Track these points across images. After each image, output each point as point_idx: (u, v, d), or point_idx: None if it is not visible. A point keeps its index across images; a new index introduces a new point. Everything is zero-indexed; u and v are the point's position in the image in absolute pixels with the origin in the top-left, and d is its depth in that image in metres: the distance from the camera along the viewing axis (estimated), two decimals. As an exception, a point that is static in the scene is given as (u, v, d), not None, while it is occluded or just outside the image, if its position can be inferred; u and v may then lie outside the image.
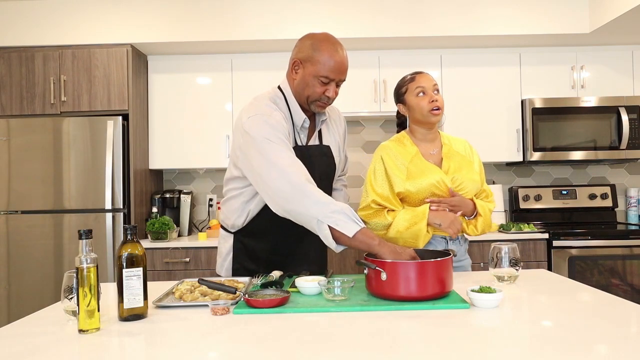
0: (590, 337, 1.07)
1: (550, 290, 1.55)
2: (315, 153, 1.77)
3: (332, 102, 1.73)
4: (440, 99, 1.85)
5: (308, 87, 1.68)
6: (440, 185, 1.81)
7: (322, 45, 1.64)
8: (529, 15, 3.33)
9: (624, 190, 3.87)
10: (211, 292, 1.47)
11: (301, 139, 1.76)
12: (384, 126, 3.90)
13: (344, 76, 1.69)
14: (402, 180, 1.82)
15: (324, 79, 1.65)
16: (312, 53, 1.65)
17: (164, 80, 3.54)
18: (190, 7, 3.33)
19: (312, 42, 1.66)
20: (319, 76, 1.64)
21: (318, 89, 1.66)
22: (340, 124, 1.94)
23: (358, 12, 3.33)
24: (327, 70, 1.64)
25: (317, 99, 1.69)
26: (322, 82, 1.66)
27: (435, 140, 1.93)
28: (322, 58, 1.63)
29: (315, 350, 1.04)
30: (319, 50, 1.64)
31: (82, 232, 1.20)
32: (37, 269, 3.18)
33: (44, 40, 3.32)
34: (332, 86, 1.67)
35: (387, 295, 1.37)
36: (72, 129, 3.20)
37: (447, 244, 1.86)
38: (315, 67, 1.64)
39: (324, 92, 1.67)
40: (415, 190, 1.81)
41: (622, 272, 3.18)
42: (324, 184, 1.76)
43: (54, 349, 1.10)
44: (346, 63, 1.68)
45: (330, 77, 1.65)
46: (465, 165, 1.89)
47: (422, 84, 1.86)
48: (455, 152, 1.91)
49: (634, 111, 3.44)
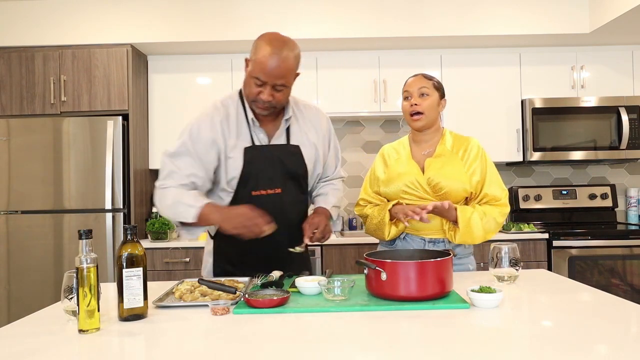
0: (590, 337, 1.07)
1: (550, 290, 1.55)
2: (278, 152, 1.74)
3: (275, 105, 1.66)
4: (425, 103, 1.84)
5: (246, 87, 1.67)
6: (413, 186, 1.82)
7: (261, 45, 1.60)
8: (529, 15, 3.33)
9: (624, 190, 3.87)
10: (211, 292, 1.47)
11: (259, 139, 1.74)
12: (384, 126, 3.90)
13: (280, 81, 1.60)
14: (380, 181, 1.93)
15: (257, 81, 1.61)
16: (253, 52, 1.63)
17: (164, 80, 3.54)
18: (190, 7, 3.33)
19: (257, 41, 1.64)
20: (253, 76, 1.61)
21: (253, 90, 1.63)
22: (320, 125, 1.86)
23: (358, 12, 3.33)
24: (258, 71, 1.59)
25: (253, 99, 1.65)
26: (256, 83, 1.61)
27: (432, 140, 1.92)
28: (257, 58, 1.59)
29: (315, 350, 1.04)
30: (256, 50, 1.61)
31: (82, 232, 1.20)
32: (37, 269, 3.18)
33: (44, 40, 3.32)
34: (266, 89, 1.61)
35: (387, 295, 1.37)
36: (72, 129, 3.20)
37: (425, 245, 1.84)
38: (252, 67, 1.62)
39: (258, 94, 1.62)
40: (390, 192, 1.88)
41: (622, 272, 3.18)
42: (292, 184, 1.76)
43: (54, 349, 1.10)
44: (281, 67, 1.58)
45: (261, 79, 1.59)
46: (450, 165, 1.84)
47: (408, 87, 1.89)
48: (449, 152, 1.88)
49: (634, 111, 3.44)
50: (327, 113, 3.68)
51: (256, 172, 1.71)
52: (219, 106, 1.73)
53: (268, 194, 1.72)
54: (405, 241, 1.86)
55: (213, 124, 1.69)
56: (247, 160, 1.70)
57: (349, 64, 3.56)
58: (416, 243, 1.85)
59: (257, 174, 1.71)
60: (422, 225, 1.82)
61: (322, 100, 3.53)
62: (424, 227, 1.83)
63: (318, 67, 3.54)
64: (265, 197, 1.72)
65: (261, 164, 1.71)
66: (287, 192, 1.75)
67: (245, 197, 1.71)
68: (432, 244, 1.85)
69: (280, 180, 1.73)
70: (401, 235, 1.86)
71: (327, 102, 3.53)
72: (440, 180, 1.81)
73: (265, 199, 1.71)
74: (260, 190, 1.72)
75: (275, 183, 1.73)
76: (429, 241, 1.85)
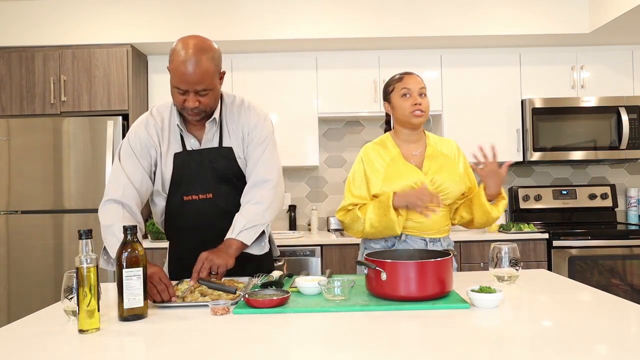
0: (590, 337, 1.07)
1: (550, 290, 1.55)
2: (208, 156, 1.71)
3: (204, 110, 1.62)
4: (425, 102, 1.84)
5: (172, 96, 1.63)
6: (418, 187, 1.81)
7: (175, 52, 1.57)
8: (529, 15, 3.33)
9: (624, 190, 3.87)
10: (211, 292, 1.47)
11: (190, 144, 1.72)
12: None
13: (199, 86, 1.56)
14: (379, 181, 1.83)
15: (178, 90, 1.58)
16: (169, 60, 1.59)
17: (164, 80, 3.53)
18: (190, 7, 3.33)
19: (172, 48, 1.59)
20: (173, 86, 1.59)
21: (178, 98, 1.60)
22: (248, 123, 1.75)
23: (358, 12, 3.33)
24: (177, 80, 1.56)
25: (181, 108, 1.62)
26: (178, 92, 1.58)
27: (420, 141, 1.92)
28: (172, 67, 1.56)
29: (315, 350, 1.04)
30: (172, 58, 1.57)
31: (82, 232, 1.20)
32: (37, 269, 3.18)
33: (44, 40, 3.32)
34: (189, 96, 1.57)
35: (387, 295, 1.37)
36: (72, 129, 3.20)
37: (426, 245, 1.84)
38: (171, 76, 1.59)
39: (184, 102, 1.59)
40: (393, 190, 1.79)
41: (622, 272, 3.18)
42: (225, 188, 1.73)
43: (54, 349, 1.10)
44: (196, 73, 1.54)
45: (181, 88, 1.56)
46: (448, 166, 1.86)
47: (408, 85, 1.85)
48: (440, 153, 1.89)
49: (634, 111, 3.44)
50: (327, 113, 3.70)
51: (186, 177, 1.71)
52: (154, 113, 1.75)
53: (200, 199, 1.72)
54: (405, 242, 1.86)
55: (148, 129, 1.71)
56: (176, 165, 1.71)
57: (349, 64, 3.56)
58: (417, 244, 1.85)
59: (187, 179, 1.71)
60: (423, 225, 1.82)
61: (322, 100, 3.53)
62: (425, 228, 1.84)
63: (318, 67, 3.54)
64: (197, 202, 1.72)
65: (190, 169, 1.71)
66: (219, 197, 1.73)
67: (177, 202, 1.74)
68: (433, 243, 1.85)
69: (211, 184, 1.72)
70: (401, 237, 1.86)
71: (327, 102, 3.53)
72: (444, 182, 1.82)
73: (196, 204, 1.72)
74: (192, 195, 1.72)
75: (206, 188, 1.72)
76: (430, 241, 1.85)
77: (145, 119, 1.74)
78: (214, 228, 1.69)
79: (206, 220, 1.72)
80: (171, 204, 1.76)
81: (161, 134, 1.72)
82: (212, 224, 1.71)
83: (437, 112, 3.53)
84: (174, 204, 1.75)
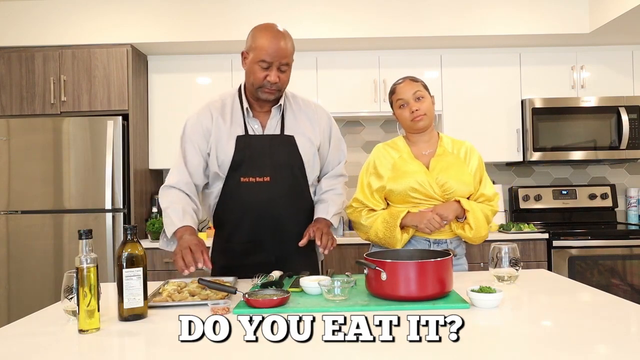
0: (590, 337, 1.07)
1: (550, 290, 1.55)
2: (270, 142, 1.79)
3: (280, 88, 1.75)
4: (424, 105, 1.85)
5: (251, 75, 1.74)
6: (423, 185, 1.82)
7: (258, 32, 1.72)
8: (529, 15, 3.33)
9: (624, 190, 3.87)
10: (199, 292, 1.47)
11: (253, 129, 1.80)
12: (384, 126, 3.90)
13: (284, 60, 1.71)
14: (386, 178, 1.87)
15: (263, 64, 1.69)
16: (252, 41, 1.73)
17: (164, 80, 3.54)
18: (190, 7, 3.33)
19: (252, 32, 1.75)
20: (258, 61, 1.70)
21: (259, 75, 1.71)
22: (319, 121, 1.89)
23: (358, 12, 3.33)
24: (264, 54, 1.68)
25: (260, 84, 1.73)
26: (261, 67, 1.70)
27: (431, 141, 1.93)
28: (259, 43, 1.69)
29: (315, 351, 1.04)
30: (256, 38, 1.71)
31: (82, 232, 1.20)
32: (37, 269, 3.18)
33: (44, 40, 3.32)
34: (273, 71, 1.70)
35: (387, 295, 1.37)
36: (72, 129, 3.20)
37: (429, 246, 1.85)
38: (254, 54, 1.71)
39: (265, 77, 1.71)
40: (396, 188, 1.84)
41: (622, 272, 3.18)
42: (283, 174, 1.79)
43: (54, 349, 1.10)
44: (283, 46, 1.70)
45: (267, 61, 1.68)
46: (455, 166, 1.87)
47: (402, 95, 1.87)
48: (450, 153, 1.90)
49: (634, 111, 3.44)
50: (327, 113, 3.67)
51: (247, 159, 1.77)
52: (216, 98, 1.86)
53: (257, 182, 1.77)
54: (409, 243, 1.86)
55: (209, 113, 1.82)
56: (238, 147, 1.76)
57: (349, 64, 3.56)
58: (421, 245, 1.86)
59: (248, 161, 1.77)
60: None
61: (322, 100, 3.52)
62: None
63: (318, 67, 3.54)
64: (254, 184, 1.77)
65: (251, 152, 1.77)
66: (276, 181, 1.78)
67: (234, 183, 1.78)
68: (437, 245, 1.86)
69: (269, 169, 1.77)
70: None
71: (327, 102, 3.52)
72: (448, 181, 1.83)
73: (252, 186, 1.77)
74: (249, 177, 1.77)
75: (265, 171, 1.77)
76: (434, 242, 1.86)
77: (209, 104, 1.84)
78: (267, 212, 1.77)
79: (260, 203, 1.77)
80: (227, 185, 1.80)
81: (222, 117, 1.80)
82: (265, 208, 1.77)
83: (437, 112, 3.51)
84: (230, 185, 1.80)
